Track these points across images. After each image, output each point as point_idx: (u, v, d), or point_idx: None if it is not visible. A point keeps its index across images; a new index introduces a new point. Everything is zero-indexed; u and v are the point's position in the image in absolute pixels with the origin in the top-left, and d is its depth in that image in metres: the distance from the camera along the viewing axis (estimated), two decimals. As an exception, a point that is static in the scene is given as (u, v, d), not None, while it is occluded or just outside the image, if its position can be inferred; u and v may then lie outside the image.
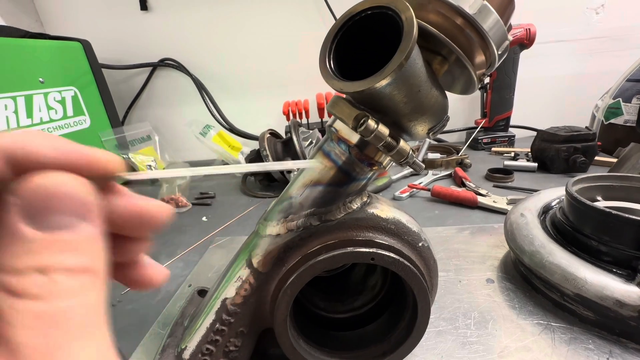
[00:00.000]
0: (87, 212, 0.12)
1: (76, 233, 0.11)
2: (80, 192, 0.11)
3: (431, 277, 0.30)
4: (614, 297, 0.32)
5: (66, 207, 0.11)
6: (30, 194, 0.11)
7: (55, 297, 0.10)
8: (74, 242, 0.11)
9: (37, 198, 0.11)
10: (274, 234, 0.28)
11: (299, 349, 0.29)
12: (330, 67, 0.23)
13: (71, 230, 0.11)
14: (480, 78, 0.26)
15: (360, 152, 0.25)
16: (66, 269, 0.11)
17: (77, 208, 0.11)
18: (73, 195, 0.11)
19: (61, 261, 0.11)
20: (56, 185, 0.11)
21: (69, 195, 0.11)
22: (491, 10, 0.22)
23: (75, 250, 0.11)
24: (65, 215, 0.11)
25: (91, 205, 0.12)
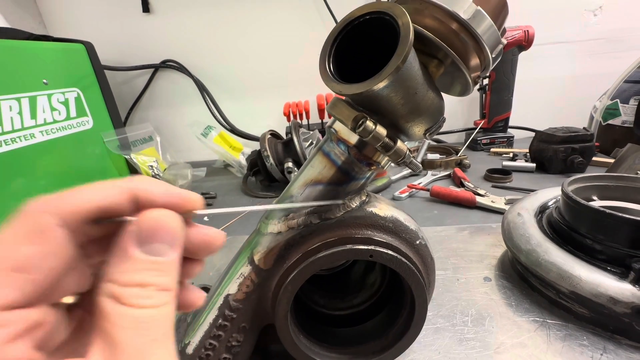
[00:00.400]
0: (177, 242, 0.15)
1: (168, 258, 0.14)
2: (176, 227, 0.15)
3: (428, 274, 0.31)
4: (608, 294, 0.33)
5: (166, 237, 0.14)
6: (144, 224, 0.14)
7: (149, 307, 0.13)
8: (165, 266, 0.14)
9: (149, 228, 0.14)
10: (275, 232, 0.29)
11: (300, 345, 0.29)
12: (329, 70, 0.24)
13: (165, 256, 0.14)
14: (475, 80, 0.27)
15: (359, 152, 0.26)
16: (157, 286, 0.14)
17: (172, 239, 0.15)
18: (171, 229, 0.15)
19: (156, 280, 0.14)
20: (162, 219, 0.15)
21: (169, 229, 0.15)
22: (485, 16, 0.23)
23: (165, 272, 0.14)
24: (164, 243, 0.14)
25: (180, 237, 0.15)
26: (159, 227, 0.14)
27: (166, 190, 0.16)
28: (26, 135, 0.71)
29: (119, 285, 0.13)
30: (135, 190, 0.15)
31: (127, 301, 0.13)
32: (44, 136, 0.75)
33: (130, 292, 0.13)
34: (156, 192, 0.15)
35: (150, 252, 0.14)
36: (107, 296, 0.13)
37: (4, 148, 0.66)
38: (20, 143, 0.69)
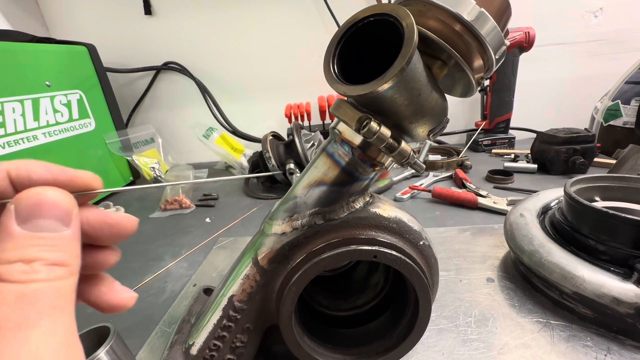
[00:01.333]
0: (68, 219, 0.14)
1: (57, 234, 0.14)
2: (64, 203, 0.14)
3: (432, 274, 0.31)
4: (612, 295, 0.33)
5: (51, 213, 0.14)
6: (23, 202, 0.14)
7: (33, 282, 0.13)
8: (55, 241, 0.14)
9: (29, 204, 0.14)
10: (279, 233, 0.29)
11: (304, 345, 0.29)
12: (334, 71, 0.24)
13: (55, 231, 0.14)
14: (478, 82, 0.27)
15: (363, 153, 0.26)
16: (45, 261, 0.13)
17: (60, 215, 0.14)
18: (58, 205, 0.14)
19: (41, 255, 0.13)
20: (45, 196, 0.14)
21: (54, 204, 0.14)
22: (488, 17, 0.23)
23: (55, 247, 0.14)
24: (50, 219, 0.14)
25: (71, 214, 0.15)
26: (41, 202, 0.14)
27: (47, 167, 0.15)
28: (29, 137, 0.71)
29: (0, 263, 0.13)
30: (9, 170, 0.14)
31: (6, 277, 0.12)
32: (47, 138, 0.75)
33: (13, 268, 0.12)
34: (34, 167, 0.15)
35: (34, 228, 0.13)
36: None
37: (7, 150, 0.66)
38: (23, 145, 0.70)
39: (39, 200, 0.14)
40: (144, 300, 0.47)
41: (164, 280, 0.52)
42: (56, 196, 0.14)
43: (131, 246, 0.63)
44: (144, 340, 0.39)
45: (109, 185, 0.94)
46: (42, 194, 0.14)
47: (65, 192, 0.15)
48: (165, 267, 0.55)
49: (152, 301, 0.47)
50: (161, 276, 0.53)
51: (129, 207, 0.82)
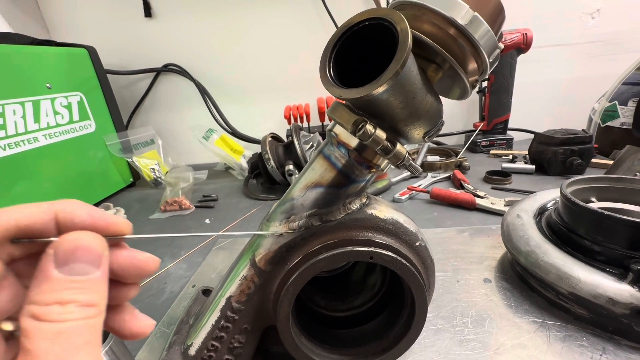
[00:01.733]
0: (100, 262, 0.15)
1: (89, 277, 0.15)
2: (97, 248, 0.16)
3: (428, 275, 0.31)
4: (607, 295, 0.33)
5: (86, 257, 0.15)
6: (61, 247, 0.15)
7: (68, 321, 0.14)
8: (86, 284, 0.15)
9: (67, 249, 0.15)
10: (276, 234, 0.29)
11: (301, 346, 0.30)
12: (330, 74, 0.25)
13: (86, 275, 0.15)
14: (473, 84, 0.27)
15: (359, 155, 0.26)
16: (78, 303, 0.14)
17: (93, 258, 0.15)
18: (91, 249, 0.15)
19: (75, 297, 0.14)
20: (81, 241, 0.15)
21: (88, 249, 0.15)
22: (482, 21, 0.24)
23: (86, 290, 0.15)
24: (84, 263, 0.15)
25: (103, 258, 0.16)
26: (78, 247, 0.15)
27: (89, 213, 0.16)
28: (30, 139, 0.71)
29: (39, 305, 0.14)
30: (57, 212, 0.16)
31: (44, 318, 0.13)
32: (47, 140, 0.76)
33: (50, 309, 0.14)
34: (78, 214, 0.16)
35: (70, 272, 0.14)
36: (27, 316, 0.13)
37: (7, 152, 0.67)
38: (23, 147, 0.70)
39: (76, 246, 0.15)
40: (143, 302, 0.48)
41: (163, 281, 0.52)
42: (91, 241, 0.15)
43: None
44: (143, 340, 0.39)
45: (109, 186, 0.94)
46: (79, 240, 0.15)
47: (99, 237, 0.16)
48: (164, 268, 0.56)
49: (151, 302, 0.47)
50: (160, 277, 0.53)
51: (129, 209, 0.82)
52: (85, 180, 0.86)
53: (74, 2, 1.06)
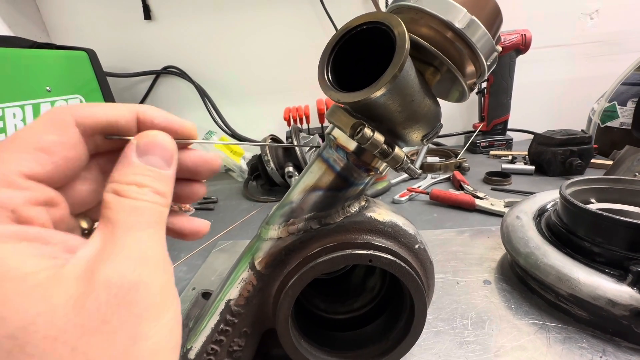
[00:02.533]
0: (170, 161, 0.18)
1: (162, 171, 0.17)
2: (169, 145, 0.18)
3: (427, 278, 0.31)
4: (607, 297, 0.33)
5: (160, 152, 0.17)
6: (143, 140, 0.17)
7: (143, 200, 0.16)
8: (160, 176, 0.17)
9: (147, 142, 0.17)
10: (275, 237, 0.29)
11: (301, 349, 0.30)
12: (328, 78, 0.25)
13: (160, 168, 0.17)
14: (471, 87, 0.27)
15: (358, 158, 0.26)
16: (152, 189, 0.16)
17: (166, 156, 0.18)
18: (165, 146, 0.18)
19: (150, 183, 0.16)
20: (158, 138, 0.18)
21: (163, 147, 0.18)
22: (479, 25, 0.24)
23: (159, 181, 0.17)
24: (159, 158, 0.17)
25: (173, 156, 0.18)
26: (155, 143, 0.17)
27: (164, 115, 0.19)
28: (29, 142, 0.71)
29: (120, 183, 0.16)
30: (140, 113, 0.18)
31: (124, 194, 0.15)
32: (47, 143, 0.76)
33: (129, 188, 0.16)
34: (157, 116, 0.19)
35: (148, 162, 0.17)
36: (109, 191, 0.16)
37: (7, 155, 0.67)
38: (23, 150, 0.70)
39: (154, 141, 0.17)
40: (143, 304, 0.47)
41: (163, 284, 0.52)
42: (166, 141, 0.18)
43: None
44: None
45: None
46: (157, 136, 0.18)
47: (171, 139, 0.18)
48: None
49: (151, 305, 0.47)
50: (160, 280, 0.53)
51: (128, 211, 0.82)
52: (85, 182, 0.86)
53: (74, 5, 1.06)
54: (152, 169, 0.17)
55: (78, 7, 1.06)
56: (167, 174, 0.17)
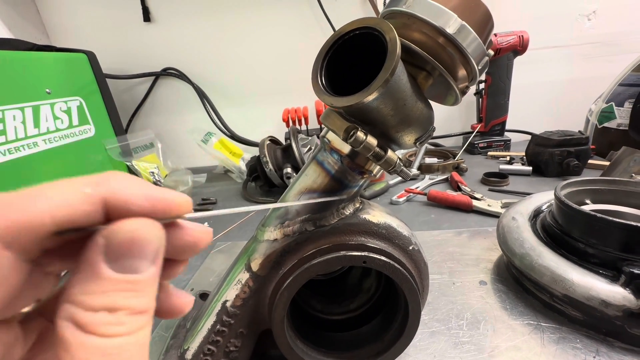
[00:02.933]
0: (157, 257, 0.13)
1: (144, 276, 0.12)
2: (157, 240, 0.13)
3: (422, 279, 0.31)
4: (600, 297, 0.33)
5: (143, 253, 0.12)
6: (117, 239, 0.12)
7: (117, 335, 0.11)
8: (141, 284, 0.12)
9: (122, 243, 0.12)
10: (271, 239, 0.29)
11: (297, 350, 0.30)
12: (321, 83, 0.25)
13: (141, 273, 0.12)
14: (463, 91, 0.27)
15: (352, 161, 0.27)
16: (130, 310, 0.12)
17: (151, 254, 0.13)
18: (151, 243, 0.13)
19: (128, 302, 0.12)
20: (140, 233, 0.12)
21: (148, 243, 0.12)
22: (470, 30, 0.24)
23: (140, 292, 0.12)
24: (141, 259, 0.12)
25: (161, 251, 0.13)
26: (136, 240, 0.12)
27: (145, 194, 0.13)
28: (29, 144, 0.72)
29: (83, 309, 0.11)
30: (109, 195, 0.12)
31: (91, 329, 0.11)
32: (47, 145, 0.76)
33: (96, 318, 0.11)
34: (133, 196, 0.13)
35: (122, 269, 0.12)
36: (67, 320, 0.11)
37: (7, 157, 0.67)
38: (23, 152, 0.70)
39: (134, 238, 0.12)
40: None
41: (161, 285, 0.52)
42: (151, 233, 0.13)
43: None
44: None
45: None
46: (139, 230, 0.12)
47: (157, 226, 0.13)
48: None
49: (149, 306, 0.48)
50: (159, 281, 0.54)
51: (128, 212, 0.82)
52: (85, 184, 0.86)
53: (73, 7, 1.06)
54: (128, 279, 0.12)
55: (78, 9, 1.07)
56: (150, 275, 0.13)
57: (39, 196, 0.11)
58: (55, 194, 0.11)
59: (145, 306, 0.12)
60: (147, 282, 0.13)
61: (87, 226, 0.12)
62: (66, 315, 0.11)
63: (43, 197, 0.11)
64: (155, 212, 0.13)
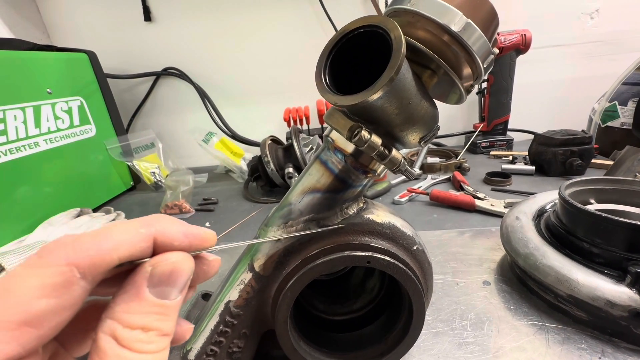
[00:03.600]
0: (185, 286, 0.15)
1: (173, 302, 0.15)
2: (189, 271, 0.15)
3: (426, 279, 0.31)
4: (605, 297, 0.33)
5: (177, 282, 0.15)
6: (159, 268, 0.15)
7: (147, 352, 0.13)
8: (169, 309, 0.15)
9: (165, 272, 0.15)
10: (273, 239, 0.29)
11: (300, 350, 0.30)
12: (325, 81, 0.25)
13: (171, 299, 0.15)
14: (468, 89, 0.27)
15: (355, 160, 0.27)
16: (159, 331, 0.14)
17: (182, 283, 0.15)
18: (185, 274, 0.15)
19: (158, 325, 0.14)
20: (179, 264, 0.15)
21: (183, 273, 0.15)
22: (475, 28, 0.24)
23: (168, 316, 0.15)
24: (173, 287, 0.15)
25: (189, 281, 0.16)
26: (174, 271, 0.15)
27: (184, 232, 0.16)
28: (30, 144, 0.72)
29: (123, 326, 0.13)
30: (158, 235, 0.15)
31: (127, 344, 0.13)
32: (48, 144, 0.76)
33: (132, 335, 0.13)
34: (175, 234, 0.16)
35: (159, 294, 0.14)
36: (107, 334, 0.13)
37: (9, 157, 0.67)
38: (24, 152, 0.70)
39: (174, 269, 0.15)
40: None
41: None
42: (186, 265, 0.15)
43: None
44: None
45: (110, 190, 0.95)
46: (178, 264, 0.15)
47: (191, 259, 0.16)
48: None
49: (151, 306, 0.48)
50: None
51: (129, 213, 0.82)
52: (86, 184, 0.86)
53: (74, 7, 1.06)
54: (162, 304, 0.14)
55: (78, 9, 1.06)
56: (177, 302, 0.15)
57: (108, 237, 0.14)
58: (120, 235, 0.14)
59: (170, 330, 0.14)
60: (174, 308, 0.15)
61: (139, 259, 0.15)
62: (108, 329, 0.13)
63: (111, 238, 0.14)
64: (191, 246, 0.16)
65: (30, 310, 0.12)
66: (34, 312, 0.12)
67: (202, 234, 0.17)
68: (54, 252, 0.13)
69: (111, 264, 0.14)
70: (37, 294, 0.12)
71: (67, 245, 0.13)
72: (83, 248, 0.13)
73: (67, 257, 0.13)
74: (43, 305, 0.12)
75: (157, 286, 0.14)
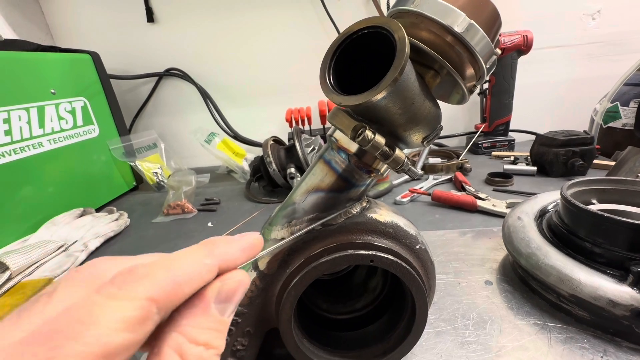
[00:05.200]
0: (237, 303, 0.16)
1: (227, 319, 0.15)
2: (246, 288, 0.16)
3: (429, 278, 0.31)
4: (607, 297, 0.33)
5: (235, 298, 0.16)
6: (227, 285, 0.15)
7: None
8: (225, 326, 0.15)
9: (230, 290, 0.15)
10: (278, 238, 0.29)
11: (303, 348, 0.30)
12: (329, 82, 0.25)
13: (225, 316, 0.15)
14: (471, 90, 0.27)
15: (359, 160, 0.27)
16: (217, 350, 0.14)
17: (238, 300, 0.16)
18: (243, 291, 0.16)
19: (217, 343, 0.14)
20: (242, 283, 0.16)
21: (241, 291, 0.16)
22: (478, 29, 0.24)
23: (222, 334, 0.15)
24: (229, 304, 0.15)
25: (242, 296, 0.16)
26: (238, 290, 0.16)
27: (242, 248, 0.17)
28: (34, 144, 0.72)
29: (189, 341, 0.13)
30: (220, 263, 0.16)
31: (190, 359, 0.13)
32: (52, 145, 0.77)
33: (196, 351, 0.13)
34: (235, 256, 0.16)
35: (222, 310, 0.15)
36: (173, 348, 0.13)
37: (13, 157, 0.68)
38: (28, 152, 0.71)
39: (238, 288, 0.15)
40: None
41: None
42: (247, 282, 0.16)
43: (135, 252, 0.64)
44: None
45: (113, 190, 0.95)
46: (243, 282, 0.16)
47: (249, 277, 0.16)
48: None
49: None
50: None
51: (132, 213, 0.83)
52: (89, 184, 0.87)
53: (77, 8, 1.07)
54: (222, 320, 0.15)
55: (82, 10, 1.07)
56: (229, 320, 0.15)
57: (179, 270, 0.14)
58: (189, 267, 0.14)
59: (222, 348, 0.15)
60: (227, 324, 0.15)
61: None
62: (174, 343, 0.13)
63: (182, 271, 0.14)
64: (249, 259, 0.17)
65: (110, 344, 0.11)
66: (114, 346, 0.11)
67: (253, 242, 0.18)
68: (134, 285, 0.13)
69: (183, 299, 0.14)
70: (119, 327, 0.12)
71: (144, 277, 0.13)
72: (159, 281, 0.13)
73: (146, 291, 0.12)
74: (121, 340, 0.11)
75: (222, 302, 0.15)
